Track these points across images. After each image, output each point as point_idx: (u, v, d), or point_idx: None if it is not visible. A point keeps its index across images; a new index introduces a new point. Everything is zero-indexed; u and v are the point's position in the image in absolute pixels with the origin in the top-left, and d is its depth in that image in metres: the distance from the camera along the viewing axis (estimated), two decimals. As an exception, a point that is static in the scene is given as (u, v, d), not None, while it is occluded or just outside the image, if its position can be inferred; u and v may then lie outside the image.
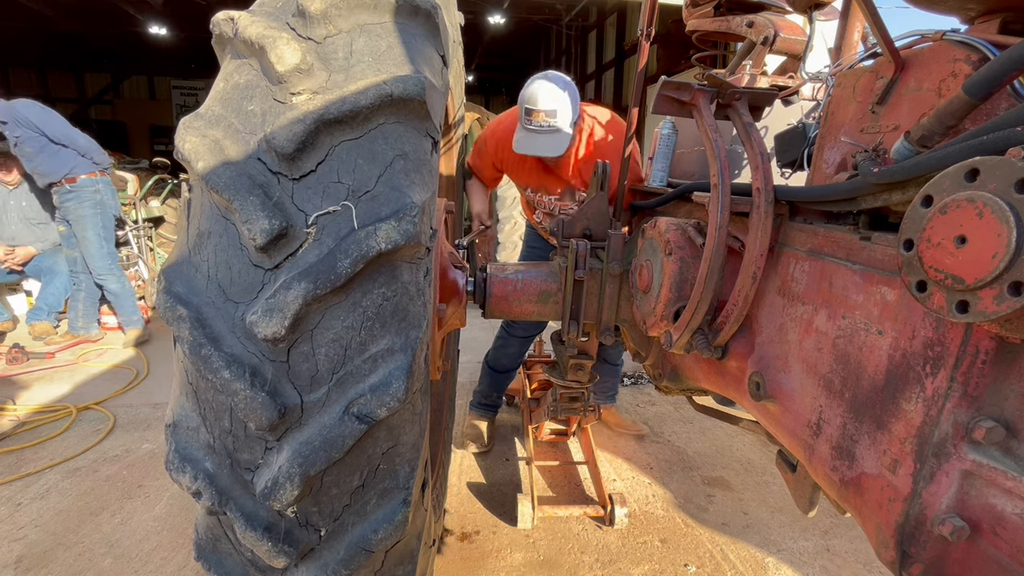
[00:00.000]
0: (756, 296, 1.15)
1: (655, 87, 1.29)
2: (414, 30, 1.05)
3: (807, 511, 1.17)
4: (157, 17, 10.30)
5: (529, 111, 2.08)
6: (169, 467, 0.94)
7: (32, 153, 4.00)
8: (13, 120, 3.91)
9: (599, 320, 1.64)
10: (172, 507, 2.34)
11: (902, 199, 0.82)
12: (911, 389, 0.79)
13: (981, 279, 0.60)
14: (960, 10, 0.92)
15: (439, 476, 1.94)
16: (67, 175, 4.13)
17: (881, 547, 0.84)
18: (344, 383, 0.90)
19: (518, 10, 10.29)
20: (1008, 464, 0.69)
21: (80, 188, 4.22)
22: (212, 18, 1.03)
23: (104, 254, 4.31)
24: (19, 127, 3.92)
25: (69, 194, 4.18)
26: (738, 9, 2.00)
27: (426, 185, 0.97)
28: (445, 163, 2.15)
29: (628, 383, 3.93)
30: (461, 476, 2.69)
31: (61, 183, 4.13)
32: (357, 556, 0.94)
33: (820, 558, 2.20)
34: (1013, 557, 0.68)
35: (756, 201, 1.10)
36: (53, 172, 4.08)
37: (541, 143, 2.11)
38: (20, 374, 3.74)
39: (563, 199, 2.44)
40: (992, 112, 0.78)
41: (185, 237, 0.99)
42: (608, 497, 2.32)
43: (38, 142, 3.99)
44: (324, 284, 0.85)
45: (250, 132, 0.93)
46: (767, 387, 1.10)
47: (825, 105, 1.14)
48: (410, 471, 0.97)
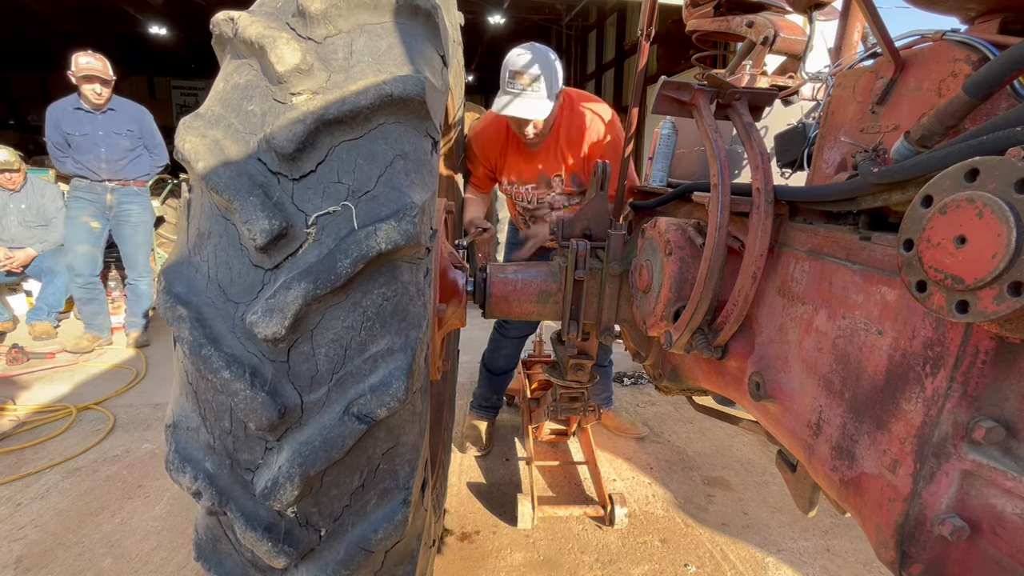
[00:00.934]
0: (756, 296, 1.15)
1: (655, 87, 1.29)
2: (414, 30, 1.05)
3: (807, 511, 1.17)
4: (157, 17, 10.30)
5: (513, 74, 2.05)
6: (169, 467, 0.94)
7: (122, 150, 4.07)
8: (130, 116, 4.12)
9: (599, 320, 1.64)
10: (172, 507, 2.34)
11: (902, 199, 0.82)
12: (911, 389, 0.79)
13: (981, 279, 0.60)
14: (960, 10, 0.92)
15: (439, 476, 1.94)
16: (138, 177, 4.24)
17: (881, 547, 0.84)
18: (344, 383, 0.90)
19: (518, 10, 10.29)
20: (1008, 464, 0.69)
21: (146, 193, 4.37)
22: (212, 18, 1.03)
23: (146, 255, 4.48)
24: (134, 122, 4.12)
25: (136, 196, 4.24)
26: (738, 9, 2.00)
27: (426, 185, 0.97)
28: (445, 163, 2.15)
29: (628, 383, 3.93)
30: (461, 476, 2.69)
31: (129, 183, 4.18)
32: (357, 556, 0.94)
33: (820, 558, 2.20)
34: (1013, 557, 0.68)
35: (756, 201, 1.10)
36: (130, 172, 4.16)
37: (523, 105, 2.07)
38: (20, 374, 3.74)
39: (539, 187, 2.42)
40: (992, 112, 0.78)
41: (185, 237, 0.99)
42: (608, 497, 2.32)
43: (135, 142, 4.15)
44: (324, 284, 0.85)
45: (250, 132, 0.93)
46: (767, 387, 1.10)
47: (825, 105, 1.14)
48: (410, 471, 0.97)
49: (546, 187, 2.41)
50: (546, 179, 2.39)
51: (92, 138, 3.99)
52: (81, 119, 3.96)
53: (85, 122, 3.96)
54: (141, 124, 4.19)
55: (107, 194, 4.12)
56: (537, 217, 2.58)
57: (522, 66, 2.04)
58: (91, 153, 4.00)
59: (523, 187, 2.45)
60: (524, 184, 2.44)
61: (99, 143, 4.01)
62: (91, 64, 3.81)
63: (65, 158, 4.02)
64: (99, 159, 4.01)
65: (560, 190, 2.42)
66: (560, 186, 2.40)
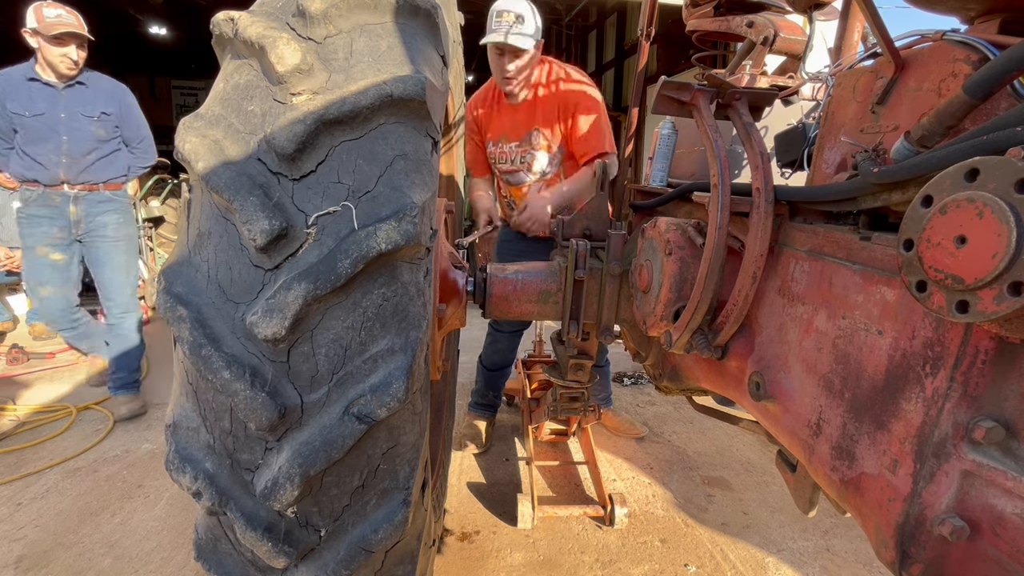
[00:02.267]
0: (756, 296, 1.15)
1: (655, 87, 1.29)
2: (414, 30, 1.05)
3: (807, 511, 1.17)
4: (157, 17, 10.30)
5: (499, 12, 2.29)
6: (169, 467, 0.94)
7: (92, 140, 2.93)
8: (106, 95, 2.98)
9: (599, 320, 1.64)
10: (172, 507, 2.34)
11: (902, 199, 0.82)
12: (911, 389, 0.79)
13: (981, 279, 0.60)
14: (960, 10, 0.92)
15: (439, 476, 1.93)
16: (112, 180, 3.03)
17: (881, 547, 0.84)
18: (344, 383, 0.90)
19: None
20: (1008, 464, 0.69)
21: (124, 197, 3.15)
22: (212, 18, 1.03)
23: (132, 284, 3.21)
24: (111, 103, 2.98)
25: (111, 203, 3.05)
26: (738, 9, 2.00)
27: (426, 185, 0.97)
28: (445, 163, 2.15)
29: (628, 383, 3.93)
30: (461, 476, 2.69)
31: (98, 187, 2.98)
32: (357, 556, 0.94)
33: (820, 558, 2.20)
34: (1013, 557, 0.68)
35: (756, 201, 1.09)
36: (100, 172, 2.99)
37: (508, 36, 2.28)
38: (20, 374, 3.74)
39: (522, 145, 2.57)
40: (992, 112, 0.78)
41: (185, 237, 0.99)
42: (608, 497, 2.32)
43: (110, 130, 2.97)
44: (324, 284, 0.85)
45: (250, 132, 0.93)
46: (767, 387, 1.10)
47: (825, 105, 1.14)
48: (410, 471, 0.97)
49: (528, 145, 2.56)
50: (528, 135, 2.55)
51: (50, 121, 2.81)
52: (35, 95, 2.79)
53: (40, 99, 2.80)
54: (121, 108, 3.01)
55: (69, 205, 2.93)
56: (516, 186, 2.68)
57: (507, 6, 2.28)
58: (48, 143, 2.82)
59: (507, 145, 2.61)
60: (508, 142, 2.60)
61: (59, 128, 2.83)
62: (63, 19, 2.70)
63: (8, 151, 2.85)
64: (58, 151, 2.84)
65: (542, 146, 2.56)
66: (541, 142, 2.55)
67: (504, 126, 2.58)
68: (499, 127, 2.60)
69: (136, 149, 3.14)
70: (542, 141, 2.53)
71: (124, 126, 3.04)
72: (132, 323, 3.17)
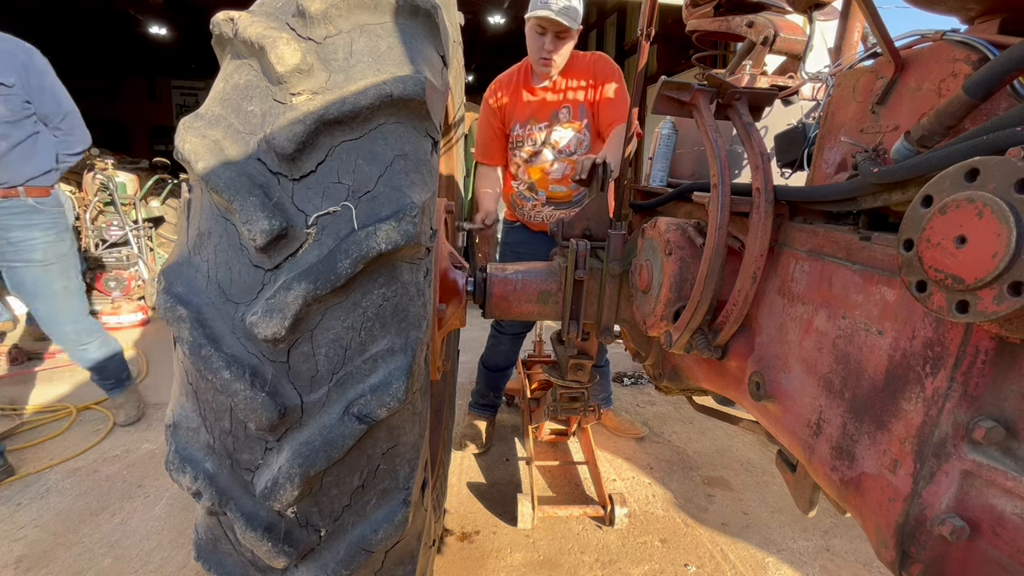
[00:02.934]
0: (756, 296, 1.15)
1: (655, 87, 1.29)
2: (414, 30, 1.05)
3: (807, 511, 1.17)
4: (157, 17, 10.30)
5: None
6: (169, 467, 0.94)
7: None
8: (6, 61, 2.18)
9: (599, 320, 1.64)
10: (172, 507, 2.34)
11: (902, 199, 0.82)
12: (911, 389, 0.79)
13: (981, 279, 0.60)
14: (960, 10, 0.92)
15: (439, 476, 1.93)
16: (34, 180, 2.29)
17: (881, 547, 0.84)
18: (344, 383, 0.90)
19: (518, 10, 10.28)
20: (1008, 464, 0.69)
21: (52, 207, 2.42)
22: (212, 18, 1.03)
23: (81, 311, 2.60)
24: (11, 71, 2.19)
25: (34, 216, 2.31)
26: (738, 9, 2.00)
27: (426, 185, 0.97)
28: (445, 163, 2.15)
29: (628, 383, 3.93)
30: (461, 476, 2.69)
31: (16, 192, 2.25)
32: (357, 556, 0.94)
33: (820, 558, 2.20)
34: (1013, 557, 0.68)
35: (756, 201, 1.09)
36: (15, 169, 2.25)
37: (559, 14, 2.31)
38: (20, 374, 3.74)
39: (551, 124, 2.58)
40: (992, 112, 0.78)
41: (185, 237, 0.99)
42: (608, 497, 2.32)
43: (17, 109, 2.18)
44: (324, 284, 0.85)
45: (250, 132, 0.93)
46: (767, 387, 1.10)
47: (825, 105, 1.14)
48: (410, 471, 0.97)
49: (556, 121, 2.59)
50: (555, 112, 2.57)
51: None
52: None
53: None
54: (27, 74, 2.22)
55: None
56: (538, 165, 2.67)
57: None
58: None
59: (535, 127, 2.61)
60: (537, 123, 2.60)
61: None
62: None
63: None
64: None
65: (567, 121, 2.57)
66: (568, 117, 2.56)
67: (532, 107, 2.61)
68: (526, 110, 2.62)
69: (59, 129, 2.35)
70: (568, 116, 2.57)
71: (37, 99, 2.25)
72: (96, 348, 2.71)
